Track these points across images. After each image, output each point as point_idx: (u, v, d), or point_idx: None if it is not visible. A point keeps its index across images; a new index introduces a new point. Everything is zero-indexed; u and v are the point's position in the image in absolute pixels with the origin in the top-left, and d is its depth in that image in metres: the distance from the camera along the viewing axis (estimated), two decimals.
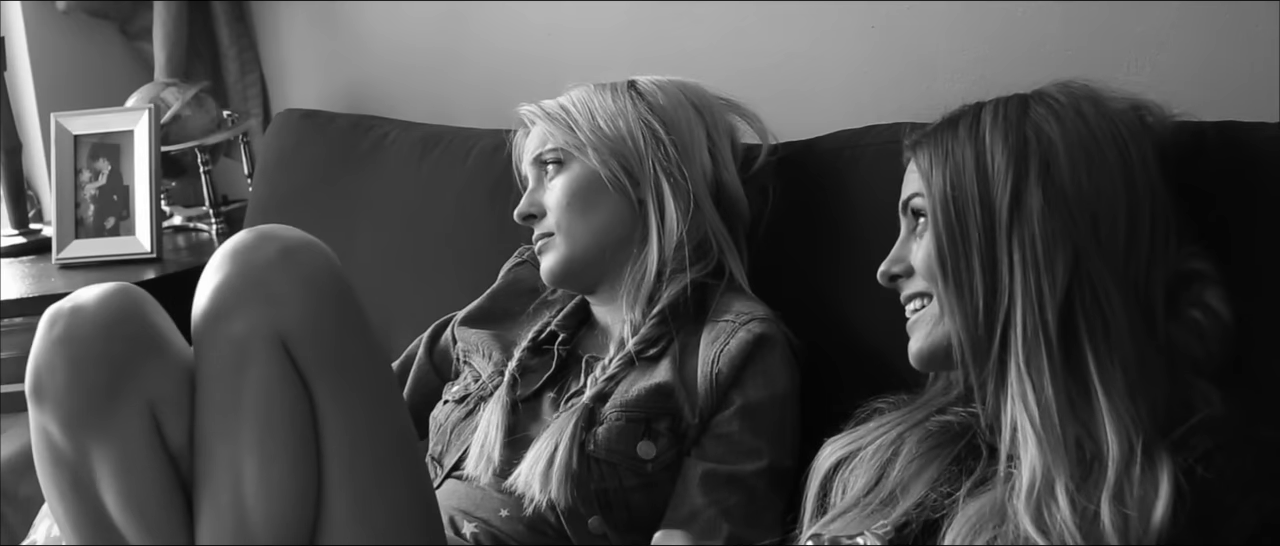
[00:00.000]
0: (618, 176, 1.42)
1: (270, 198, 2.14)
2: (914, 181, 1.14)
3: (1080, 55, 1.41)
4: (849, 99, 1.62)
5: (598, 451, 1.31)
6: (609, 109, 1.44)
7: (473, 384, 1.47)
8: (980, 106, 1.12)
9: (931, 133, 1.14)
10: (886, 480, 1.12)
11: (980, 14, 1.49)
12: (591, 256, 1.44)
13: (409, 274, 1.87)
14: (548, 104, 1.48)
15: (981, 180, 1.08)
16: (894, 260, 1.16)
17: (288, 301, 1.13)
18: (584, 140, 1.42)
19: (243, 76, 2.55)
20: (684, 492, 1.31)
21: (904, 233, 1.16)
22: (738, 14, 1.73)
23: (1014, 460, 1.04)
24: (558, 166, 1.45)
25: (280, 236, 1.16)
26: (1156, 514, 0.94)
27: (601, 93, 1.46)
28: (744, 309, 1.37)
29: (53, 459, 1.18)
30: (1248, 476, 0.96)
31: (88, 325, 1.15)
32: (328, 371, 1.16)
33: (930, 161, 1.11)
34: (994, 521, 1.01)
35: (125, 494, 1.16)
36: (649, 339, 1.38)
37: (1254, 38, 1.27)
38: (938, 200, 1.09)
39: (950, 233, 1.08)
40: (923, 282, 1.13)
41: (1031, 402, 1.03)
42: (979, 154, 1.08)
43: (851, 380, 1.35)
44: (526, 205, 1.48)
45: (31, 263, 2.32)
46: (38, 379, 1.16)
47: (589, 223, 1.43)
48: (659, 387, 1.34)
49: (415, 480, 1.23)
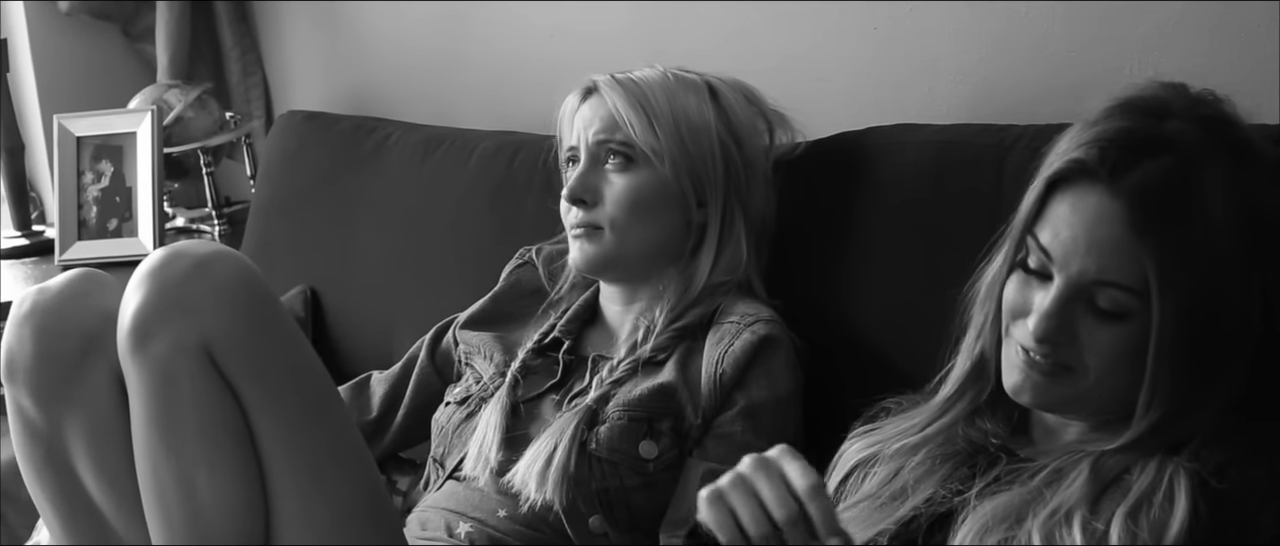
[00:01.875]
0: (687, 196, 1.39)
1: (272, 199, 2.14)
2: (1115, 268, 0.98)
3: (1082, 56, 1.41)
4: (851, 100, 1.62)
5: (599, 450, 1.31)
6: (694, 119, 1.38)
7: (474, 385, 1.46)
8: (1195, 166, 0.97)
9: (1165, 216, 0.96)
10: (896, 481, 1.10)
11: (982, 15, 1.49)
12: (635, 262, 1.42)
13: (411, 275, 1.87)
14: (629, 84, 1.39)
15: (1224, 294, 0.97)
16: (1058, 329, 1.00)
17: (205, 312, 1.14)
18: (664, 148, 1.37)
19: (245, 78, 2.56)
20: (684, 492, 1.30)
21: (1060, 302, 1.00)
22: (739, 15, 1.73)
23: (1048, 475, 1.02)
24: (627, 161, 1.39)
25: (192, 251, 1.18)
26: (1171, 534, 0.92)
27: (685, 92, 1.39)
28: (749, 310, 1.37)
29: (28, 435, 1.22)
30: (1263, 486, 0.95)
31: (54, 299, 1.21)
32: (253, 377, 1.17)
33: (1171, 256, 0.96)
34: (1008, 523, 0.99)
35: (99, 465, 1.20)
36: (661, 346, 1.38)
37: (1254, 38, 1.27)
38: (1171, 309, 0.96)
39: (1180, 344, 0.96)
40: (1093, 366, 1.00)
41: (1106, 465, 0.99)
42: (1218, 256, 0.96)
43: (854, 381, 1.35)
44: (581, 188, 1.40)
45: (34, 264, 2.33)
46: (10, 356, 1.21)
47: (646, 231, 1.39)
48: (662, 387, 1.33)
49: (360, 474, 1.24)
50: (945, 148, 1.36)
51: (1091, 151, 0.98)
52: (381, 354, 1.79)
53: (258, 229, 2.16)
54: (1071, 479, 0.99)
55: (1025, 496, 1.01)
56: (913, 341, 1.31)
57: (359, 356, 1.91)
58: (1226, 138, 0.99)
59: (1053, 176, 1.01)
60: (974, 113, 1.45)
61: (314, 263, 2.04)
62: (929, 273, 1.31)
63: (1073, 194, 1.00)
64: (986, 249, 1.11)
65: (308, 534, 1.19)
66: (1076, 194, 1.00)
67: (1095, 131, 1.00)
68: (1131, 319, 0.98)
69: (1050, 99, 1.38)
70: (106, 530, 1.23)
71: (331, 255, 2.01)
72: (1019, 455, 1.08)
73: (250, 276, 1.18)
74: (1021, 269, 1.04)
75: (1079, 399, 1.03)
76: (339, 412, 1.26)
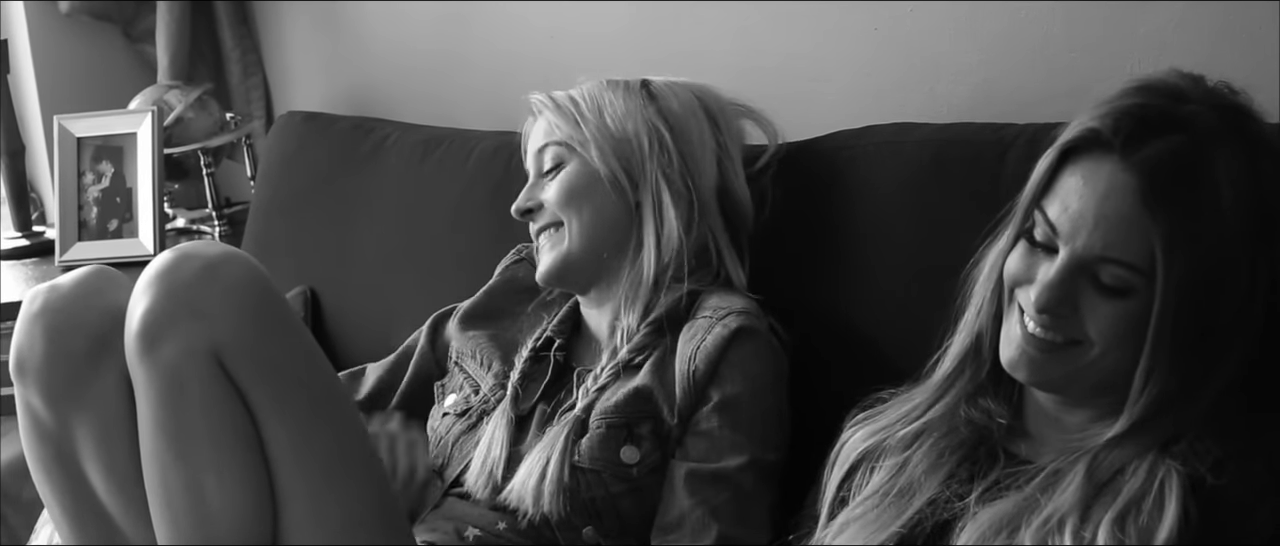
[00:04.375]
0: (617, 177, 1.40)
1: (272, 200, 2.14)
2: (1120, 244, 0.98)
3: (1083, 57, 1.41)
4: (851, 100, 1.62)
5: (583, 461, 1.30)
6: (618, 107, 1.42)
7: (473, 396, 1.46)
8: (1208, 147, 0.97)
9: (1174, 194, 0.96)
10: (901, 475, 1.10)
11: (983, 15, 1.48)
12: (586, 257, 1.42)
13: (410, 275, 1.87)
14: (558, 95, 1.46)
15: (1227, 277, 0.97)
16: (1060, 300, 1.00)
17: (214, 316, 1.14)
18: (588, 136, 1.41)
19: (245, 79, 2.56)
20: (671, 496, 1.30)
21: (1063, 274, 1.00)
22: (740, 15, 1.73)
23: (1044, 479, 1.02)
24: (559, 163, 1.43)
25: (201, 253, 1.17)
26: (1159, 540, 0.92)
27: (613, 89, 1.44)
28: (722, 304, 1.36)
29: (38, 434, 1.21)
30: (1261, 482, 0.95)
31: (65, 299, 1.20)
32: (263, 380, 1.16)
33: (1177, 235, 0.96)
34: (1007, 531, 0.99)
35: (108, 466, 1.19)
36: (640, 347, 1.37)
37: (1254, 38, 1.27)
38: (1172, 288, 0.96)
39: (1180, 325, 0.97)
40: (1096, 339, 1.01)
41: (1101, 463, 0.99)
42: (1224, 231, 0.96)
43: (850, 380, 1.34)
44: (524, 199, 1.46)
45: (34, 265, 2.33)
46: (20, 355, 1.20)
47: (584, 218, 1.41)
48: (637, 391, 1.33)
49: (369, 476, 1.23)
50: (944, 147, 1.36)
51: (1106, 121, 0.99)
52: (381, 354, 1.78)
53: (257, 229, 2.16)
54: (1066, 483, 0.99)
55: (1021, 504, 1.01)
56: (910, 340, 1.30)
57: (358, 356, 1.91)
58: (1240, 126, 1.00)
59: (1066, 144, 1.02)
60: (974, 113, 1.45)
61: (313, 263, 2.04)
62: (927, 272, 1.31)
63: (1084, 165, 1.01)
64: (991, 226, 1.11)
65: (317, 535, 1.18)
66: (1088, 165, 1.00)
67: (1111, 105, 1.01)
68: (1134, 295, 0.98)
69: (1051, 100, 1.38)
70: (114, 531, 1.22)
71: (331, 255, 2.01)
72: (1017, 455, 1.08)
73: (259, 279, 1.17)
74: (1026, 240, 1.04)
75: (1076, 375, 1.02)
76: (348, 414, 1.25)
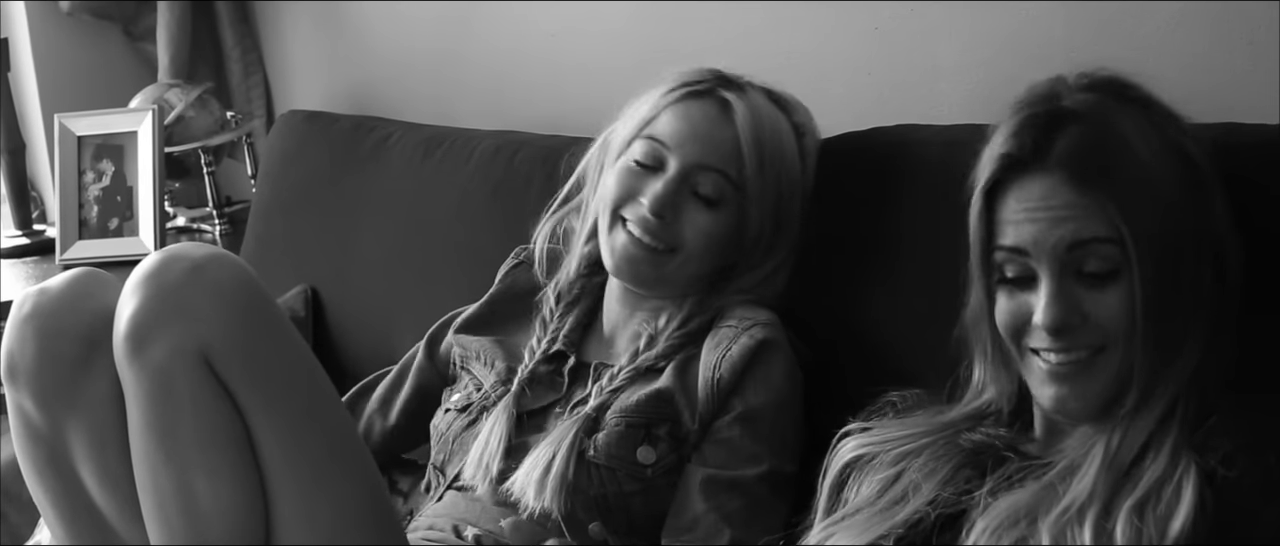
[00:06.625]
0: (759, 238, 1.38)
1: (273, 199, 2.15)
2: (1088, 226, 1.00)
3: (1083, 57, 1.40)
4: (852, 100, 1.62)
5: (597, 456, 1.30)
6: (795, 174, 1.38)
7: (475, 393, 1.45)
8: (1107, 118, 1.02)
9: (1101, 166, 1.00)
10: (898, 485, 1.10)
11: (984, 16, 1.49)
12: (678, 286, 1.40)
13: (411, 275, 1.87)
14: (761, 118, 1.37)
15: (1184, 214, 1.01)
16: (1067, 311, 1.01)
17: (202, 317, 1.14)
18: (763, 191, 1.36)
19: (246, 77, 2.56)
20: (685, 499, 1.30)
21: (1058, 285, 1.01)
22: (742, 15, 1.73)
23: (1062, 470, 1.02)
24: (717, 196, 1.36)
25: (189, 254, 1.17)
26: (1175, 527, 0.92)
27: (785, 135, 1.39)
28: (748, 314, 1.36)
29: (30, 437, 1.21)
30: (1272, 477, 0.95)
31: (56, 301, 1.20)
32: (252, 380, 1.16)
33: (1125, 197, 0.99)
34: (1023, 523, 0.98)
35: (101, 467, 1.19)
36: (667, 352, 1.37)
37: (1254, 38, 1.27)
38: (1145, 244, 0.99)
39: (1162, 282, 0.99)
40: (1109, 330, 1.01)
41: (1114, 444, 1.00)
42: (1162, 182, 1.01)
43: (858, 381, 1.34)
44: (664, 205, 1.35)
45: (35, 264, 2.33)
46: (11, 358, 1.20)
47: (704, 266, 1.39)
48: (659, 393, 1.33)
49: (359, 475, 1.23)
50: (947, 148, 1.36)
51: (1012, 143, 1.03)
52: (381, 354, 1.79)
53: (258, 228, 2.16)
54: (1084, 471, 0.99)
55: (1039, 493, 1.00)
56: (916, 341, 1.31)
57: (359, 356, 1.91)
58: (1121, 92, 1.05)
59: (987, 184, 1.05)
60: (975, 113, 1.45)
61: (314, 262, 2.04)
62: (931, 272, 1.31)
63: (1013, 192, 1.03)
64: (962, 285, 1.12)
65: (309, 535, 1.18)
66: (1017, 189, 1.03)
67: (1003, 132, 1.05)
68: (1123, 276, 1.00)
69: None
70: (108, 532, 1.22)
71: (332, 255, 2.01)
72: (1028, 454, 1.08)
73: (247, 279, 1.18)
74: (1004, 287, 1.05)
75: (1117, 379, 1.02)
76: (338, 414, 1.25)
